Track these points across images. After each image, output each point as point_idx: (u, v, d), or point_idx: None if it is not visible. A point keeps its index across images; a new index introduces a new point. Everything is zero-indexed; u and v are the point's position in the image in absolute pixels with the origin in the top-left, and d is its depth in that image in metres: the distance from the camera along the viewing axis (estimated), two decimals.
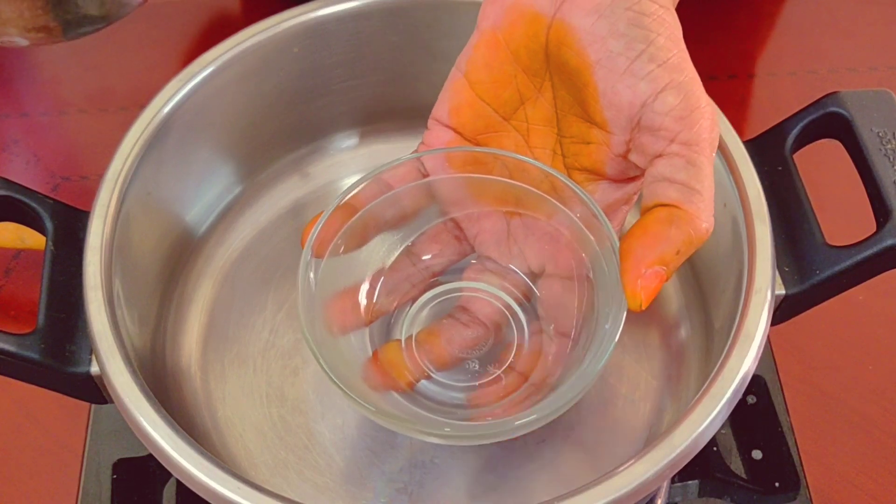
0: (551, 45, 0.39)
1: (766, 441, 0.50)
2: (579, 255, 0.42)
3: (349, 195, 0.41)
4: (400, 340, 0.44)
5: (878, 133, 0.45)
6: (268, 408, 0.48)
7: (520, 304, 0.44)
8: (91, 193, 0.45)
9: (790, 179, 0.46)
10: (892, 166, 0.44)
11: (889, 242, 0.43)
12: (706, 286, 0.50)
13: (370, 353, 0.43)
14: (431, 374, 0.43)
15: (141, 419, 0.39)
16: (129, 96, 0.67)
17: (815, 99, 0.47)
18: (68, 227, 0.45)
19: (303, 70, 0.53)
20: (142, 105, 0.48)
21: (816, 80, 0.67)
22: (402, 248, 0.44)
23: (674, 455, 0.37)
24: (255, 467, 0.46)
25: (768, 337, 0.42)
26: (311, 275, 0.40)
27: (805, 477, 0.49)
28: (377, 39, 0.53)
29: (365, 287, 0.44)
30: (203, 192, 0.53)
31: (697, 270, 0.51)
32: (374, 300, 0.44)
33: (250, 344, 0.50)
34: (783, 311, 0.45)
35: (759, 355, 0.40)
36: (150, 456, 0.39)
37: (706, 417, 0.38)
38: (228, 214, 0.54)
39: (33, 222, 0.46)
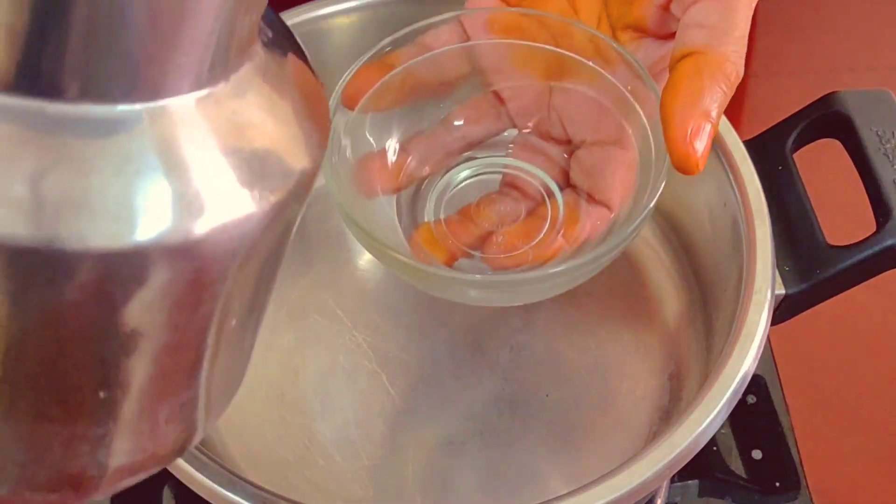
0: None
1: (766, 441, 0.50)
2: (621, 123, 0.41)
3: (385, 50, 0.40)
4: (430, 223, 0.42)
5: (878, 132, 0.45)
6: (268, 408, 0.48)
7: (558, 181, 0.43)
8: None
9: (790, 179, 0.46)
10: (892, 166, 0.44)
11: (889, 242, 0.43)
12: (706, 286, 0.50)
13: (396, 223, 0.42)
14: (470, 253, 0.42)
15: None
16: None
17: (815, 99, 0.47)
18: None
19: None
20: None
21: (816, 79, 0.67)
22: (439, 116, 0.43)
23: (674, 455, 0.37)
24: (255, 467, 0.46)
25: (768, 337, 0.42)
26: (342, 128, 0.39)
27: (805, 477, 0.49)
28: (378, 39, 0.53)
29: (395, 148, 0.42)
30: None
31: (697, 270, 0.51)
32: (407, 164, 0.42)
33: None
34: (783, 311, 0.45)
35: (759, 355, 0.40)
36: None
37: (706, 417, 0.38)
38: None
39: None
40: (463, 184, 0.43)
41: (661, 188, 0.37)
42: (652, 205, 0.37)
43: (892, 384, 0.54)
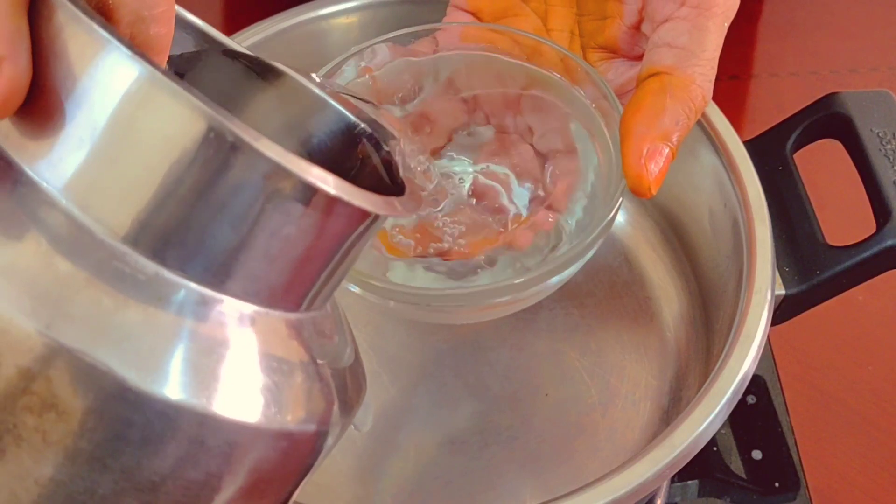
0: None
1: (766, 441, 0.50)
2: (582, 133, 0.40)
3: (361, 60, 0.40)
4: (386, 230, 0.42)
5: (879, 133, 0.45)
6: None
7: (523, 183, 0.42)
8: None
9: (790, 179, 0.46)
10: (892, 167, 0.44)
11: (889, 242, 0.43)
12: (706, 286, 0.50)
13: None
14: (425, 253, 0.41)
15: None
16: None
17: (815, 99, 0.47)
18: None
19: (303, 69, 0.52)
20: None
21: (817, 80, 0.67)
22: (407, 112, 0.42)
23: (674, 455, 0.37)
24: None
25: (768, 337, 0.42)
26: None
27: (805, 477, 0.49)
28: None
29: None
30: None
31: (697, 270, 0.51)
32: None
33: None
34: (783, 311, 0.45)
35: (759, 355, 0.40)
36: None
37: (706, 417, 0.38)
38: None
39: None
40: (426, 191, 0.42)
41: (618, 206, 0.36)
42: (609, 217, 0.36)
43: (892, 384, 0.54)
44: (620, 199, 0.36)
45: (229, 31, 0.50)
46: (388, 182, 0.29)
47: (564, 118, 0.41)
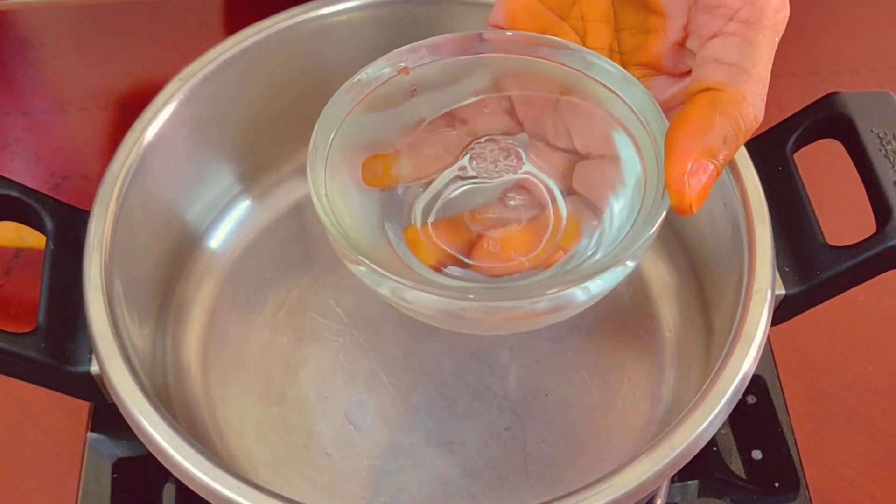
0: None
1: (766, 441, 0.50)
2: (626, 140, 0.39)
3: (400, 57, 0.40)
4: (416, 226, 0.40)
5: (879, 134, 0.45)
6: (268, 407, 0.48)
7: (562, 190, 0.41)
8: (92, 193, 0.45)
9: (790, 179, 0.46)
10: (893, 167, 0.44)
11: (889, 243, 0.43)
12: (706, 286, 0.50)
13: (382, 224, 0.40)
14: (461, 260, 0.40)
15: (141, 419, 0.39)
16: (131, 95, 0.67)
17: (815, 99, 0.47)
18: (68, 226, 0.45)
19: (304, 69, 0.53)
20: (143, 104, 0.48)
21: (818, 80, 0.67)
22: (444, 111, 0.41)
23: (674, 455, 0.37)
24: (255, 467, 0.46)
25: (768, 337, 0.42)
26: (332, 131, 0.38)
27: (805, 477, 0.49)
28: (377, 39, 0.53)
29: (395, 143, 0.41)
30: (203, 192, 0.53)
31: (697, 270, 0.51)
32: (403, 159, 0.41)
33: (250, 343, 0.50)
34: (783, 311, 0.45)
35: (759, 355, 0.40)
36: (150, 456, 0.39)
37: (706, 417, 0.38)
38: (229, 214, 0.54)
39: (33, 221, 0.46)
40: (460, 189, 0.41)
41: (661, 220, 0.35)
42: (651, 232, 0.35)
43: (892, 384, 0.54)
44: (664, 212, 0.35)
45: (229, 31, 0.50)
46: None
47: (607, 125, 0.39)
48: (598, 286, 0.36)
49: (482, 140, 0.41)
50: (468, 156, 0.41)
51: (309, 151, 0.38)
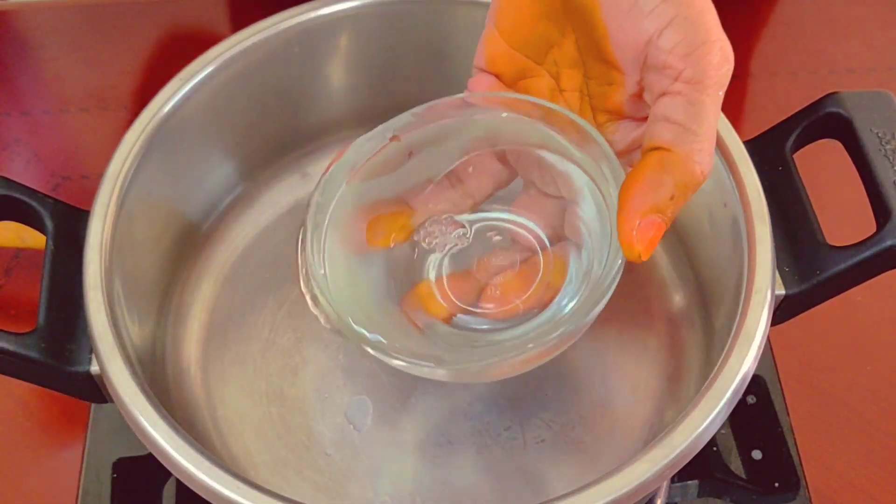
0: None
1: (766, 441, 0.50)
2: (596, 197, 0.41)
3: (393, 126, 0.42)
4: (430, 281, 0.43)
5: (878, 133, 0.45)
6: (268, 407, 0.48)
7: (551, 235, 0.44)
8: (92, 193, 0.45)
9: (790, 179, 0.46)
10: (892, 167, 0.44)
11: (889, 243, 0.43)
12: (706, 286, 0.50)
13: (386, 282, 0.43)
14: (467, 309, 0.42)
15: (141, 419, 0.39)
16: (131, 95, 0.67)
17: (815, 99, 0.47)
18: (68, 226, 0.45)
19: (303, 69, 0.53)
20: (143, 104, 0.48)
21: (816, 80, 0.67)
22: (441, 168, 0.43)
23: (674, 455, 0.37)
24: (255, 467, 0.46)
25: (768, 337, 0.42)
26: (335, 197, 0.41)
27: (805, 477, 0.49)
28: (377, 39, 0.53)
29: (402, 202, 0.43)
30: (203, 192, 0.53)
31: (697, 270, 0.51)
32: (413, 217, 0.43)
33: (250, 343, 0.50)
34: (783, 311, 0.45)
35: (759, 355, 0.40)
36: (150, 456, 0.39)
37: (706, 417, 0.38)
38: (229, 214, 0.54)
39: (34, 222, 0.46)
40: (464, 243, 0.44)
41: (618, 270, 0.37)
42: (610, 280, 0.37)
43: (892, 384, 0.54)
44: (619, 261, 0.37)
45: (230, 31, 0.50)
46: None
47: (578, 177, 0.42)
48: (561, 337, 0.38)
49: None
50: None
51: (301, 233, 0.41)
